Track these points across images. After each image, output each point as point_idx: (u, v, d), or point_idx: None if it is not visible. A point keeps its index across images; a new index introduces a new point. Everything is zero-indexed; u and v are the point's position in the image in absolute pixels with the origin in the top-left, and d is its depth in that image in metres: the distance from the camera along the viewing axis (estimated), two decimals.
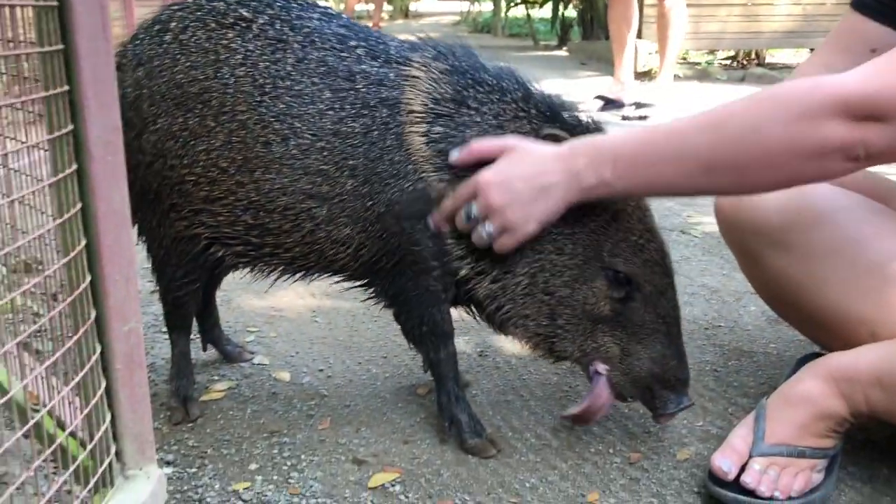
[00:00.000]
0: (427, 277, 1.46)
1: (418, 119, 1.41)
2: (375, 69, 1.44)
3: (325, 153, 1.41)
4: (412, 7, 21.01)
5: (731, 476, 1.35)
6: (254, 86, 1.41)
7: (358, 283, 1.55)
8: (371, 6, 10.98)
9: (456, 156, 1.39)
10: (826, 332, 1.53)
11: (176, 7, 1.50)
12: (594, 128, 1.44)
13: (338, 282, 1.57)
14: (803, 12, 7.27)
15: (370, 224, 1.43)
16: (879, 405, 1.33)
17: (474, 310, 1.55)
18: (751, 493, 1.34)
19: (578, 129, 1.42)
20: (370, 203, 1.42)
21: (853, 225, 1.46)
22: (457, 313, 1.57)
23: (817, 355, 1.51)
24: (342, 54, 1.44)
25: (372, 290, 1.54)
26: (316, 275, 1.55)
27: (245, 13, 1.45)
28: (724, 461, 1.36)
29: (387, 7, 15.76)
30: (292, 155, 1.41)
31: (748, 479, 1.34)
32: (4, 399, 0.92)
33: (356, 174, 1.41)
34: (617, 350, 1.43)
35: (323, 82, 1.42)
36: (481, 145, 1.38)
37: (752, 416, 1.42)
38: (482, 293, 1.45)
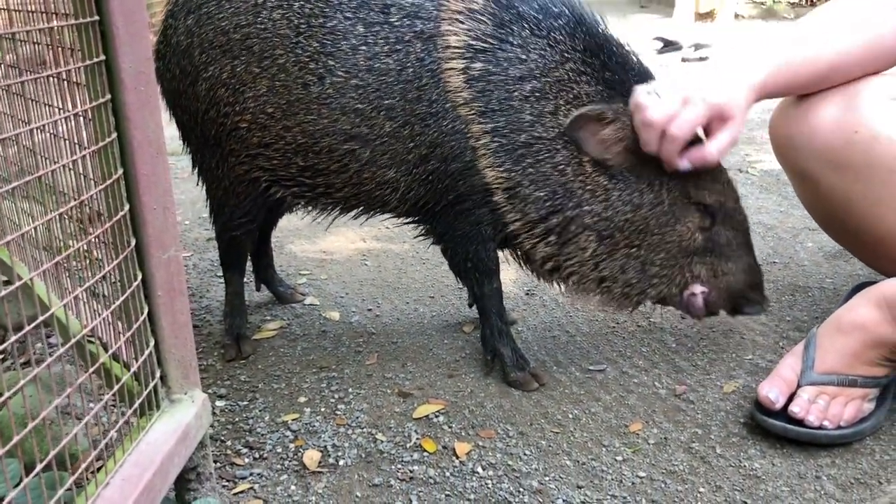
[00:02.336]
0: (473, 219, 1.45)
1: (456, 54, 1.39)
2: (410, 0, 1.42)
3: (359, 91, 1.40)
4: None
5: (779, 405, 1.33)
6: (289, 27, 1.40)
7: (408, 221, 1.56)
8: None
9: (687, 165, 1.36)
10: (884, 256, 1.48)
11: None
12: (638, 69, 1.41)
13: (388, 219, 1.59)
14: None
15: (414, 167, 1.43)
16: None
17: (521, 255, 1.54)
18: (799, 422, 1.32)
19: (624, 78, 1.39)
20: (412, 145, 1.41)
21: None
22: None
23: (871, 284, 1.46)
24: None
25: (422, 227, 1.55)
26: (369, 214, 1.56)
27: None
28: (772, 390, 1.34)
29: None
30: (328, 94, 1.40)
31: (796, 409, 1.32)
32: (43, 316, 0.96)
33: (394, 115, 1.40)
34: (710, 273, 1.46)
35: (356, 16, 1.40)
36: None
37: (801, 345, 1.39)
38: (538, 253, 1.44)
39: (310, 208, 1.59)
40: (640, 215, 1.40)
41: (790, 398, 1.34)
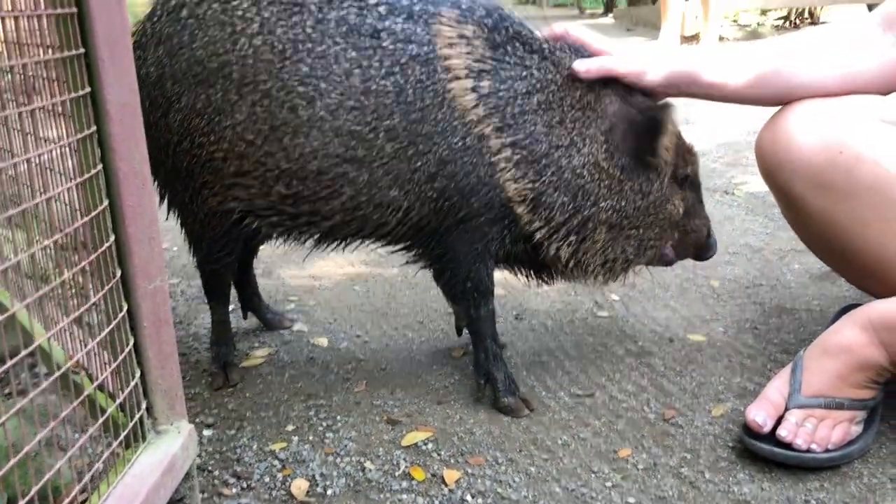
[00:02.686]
0: (481, 237, 1.46)
1: (461, 75, 1.40)
2: (400, 25, 1.42)
3: (355, 113, 1.39)
4: None
5: (767, 428, 1.33)
6: (273, 53, 1.39)
7: (398, 247, 1.55)
8: None
9: (582, 67, 1.46)
10: (870, 277, 1.49)
11: None
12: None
13: (378, 248, 1.57)
14: None
15: (419, 185, 1.42)
16: None
17: (519, 269, 1.61)
18: (787, 446, 1.32)
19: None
20: (418, 164, 1.41)
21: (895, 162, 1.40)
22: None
23: (857, 306, 1.46)
24: (363, 11, 1.42)
25: (416, 251, 1.54)
26: (356, 242, 1.55)
27: None
28: (760, 413, 1.34)
29: None
30: (320, 117, 1.39)
31: (784, 432, 1.32)
32: (28, 349, 0.95)
33: (396, 136, 1.39)
34: (682, 233, 1.60)
35: (346, 41, 1.40)
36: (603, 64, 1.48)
37: (788, 368, 1.40)
38: (563, 254, 1.49)
39: (285, 238, 1.55)
40: (647, 201, 1.50)
41: (778, 421, 1.35)
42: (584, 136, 1.45)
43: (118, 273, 0.99)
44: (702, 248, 1.64)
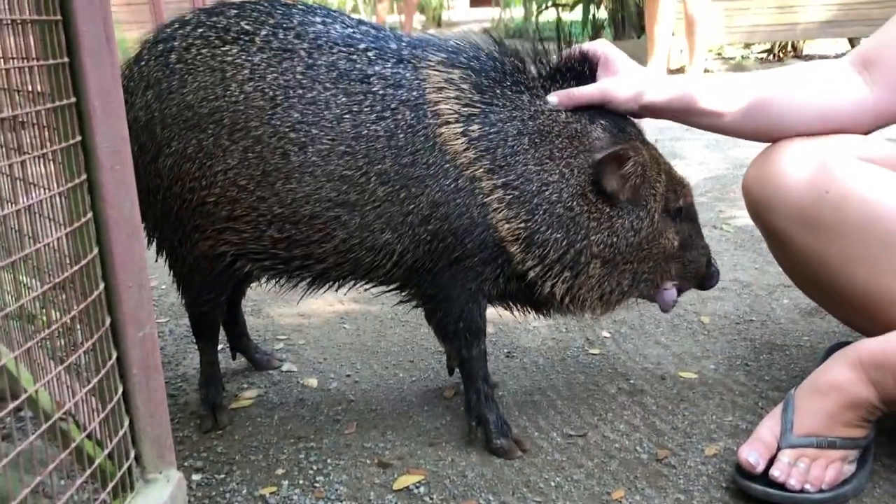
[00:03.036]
0: (474, 277, 1.46)
1: (451, 119, 1.41)
2: (390, 70, 1.43)
3: (346, 158, 1.40)
4: (444, 16, 21.04)
5: (760, 469, 1.33)
6: (264, 99, 1.39)
7: (390, 288, 1.54)
8: (402, 16, 11.02)
9: (555, 101, 1.47)
10: (859, 315, 1.50)
11: (176, 24, 1.49)
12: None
13: (368, 288, 1.57)
14: (838, 1, 7.11)
15: (413, 228, 1.42)
16: None
17: (514, 305, 1.60)
18: (780, 486, 1.31)
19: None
20: (411, 207, 1.41)
21: (883, 201, 1.41)
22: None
23: (847, 344, 1.47)
24: (353, 56, 1.43)
25: (407, 291, 1.54)
26: (348, 283, 1.54)
27: (247, 26, 1.44)
28: (752, 453, 1.34)
29: (419, 17, 15.83)
30: (312, 162, 1.40)
31: (777, 472, 1.32)
32: (20, 399, 0.94)
33: (387, 180, 1.40)
34: (681, 266, 1.59)
35: (336, 87, 1.41)
36: (581, 92, 1.48)
37: (779, 407, 1.40)
38: (558, 291, 1.48)
39: (277, 281, 1.55)
40: (639, 237, 1.50)
41: (771, 461, 1.34)
42: (571, 167, 1.45)
43: (108, 321, 0.99)
44: (703, 278, 1.64)
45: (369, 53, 1.44)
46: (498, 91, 1.46)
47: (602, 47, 1.54)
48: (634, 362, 1.86)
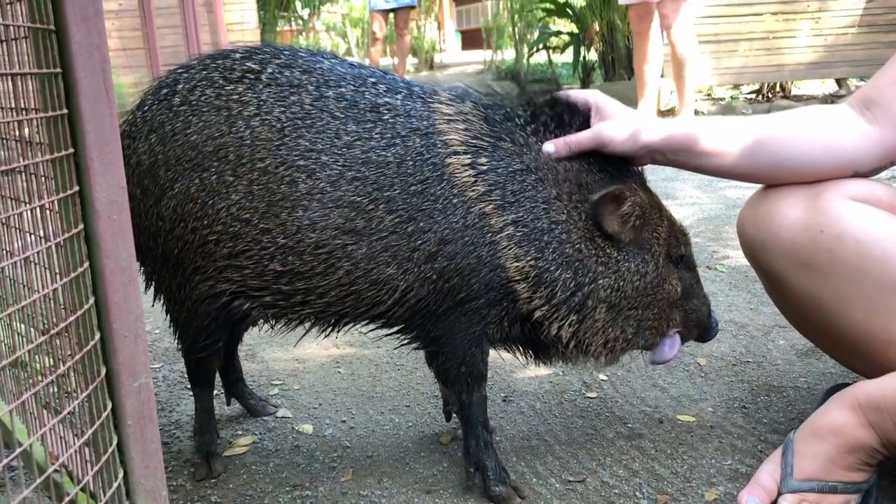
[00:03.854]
0: (479, 319, 1.45)
1: (459, 150, 1.42)
2: (399, 101, 1.44)
3: (356, 184, 1.39)
4: (437, 59, 21.28)
5: None
6: (272, 131, 1.40)
7: (392, 330, 1.52)
8: (395, 59, 11.13)
9: (552, 150, 1.46)
10: (855, 355, 1.50)
11: (180, 69, 1.50)
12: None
13: (369, 330, 1.54)
14: (825, 43, 7.23)
15: (419, 265, 1.41)
16: None
17: (516, 349, 1.58)
18: None
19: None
20: (418, 242, 1.40)
21: (878, 241, 1.42)
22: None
23: (845, 386, 1.46)
24: (361, 89, 1.44)
25: (410, 333, 1.51)
26: (349, 324, 1.52)
27: (253, 65, 1.45)
28: (752, 499, 1.33)
29: (411, 59, 16.02)
30: (320, 188, 1.39)
31: None
32: (17, 451, 0.93)
33: (395, 208, 1.39)
34: (683, 314, 1.58)
35: (346, 115, 1.41)
36: (578, 139, 1.48)
37: (779, 451, 1.39)
38: (564, 334, 1.47)
39: (276, 321, 1.53)
40: (644, 282, 1.49)
41: None
42: (578, 210, 1.45)
43: (103, 371, 0.98)
44: (704, 329, 1.62)
45: (379, 86, 1.45)
46: (506, 127, 1.47)
47: (593, 95, 1.55)
48: (632, 406, 1.85)
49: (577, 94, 1.55)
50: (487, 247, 1.41)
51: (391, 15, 9.35)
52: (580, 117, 1.52)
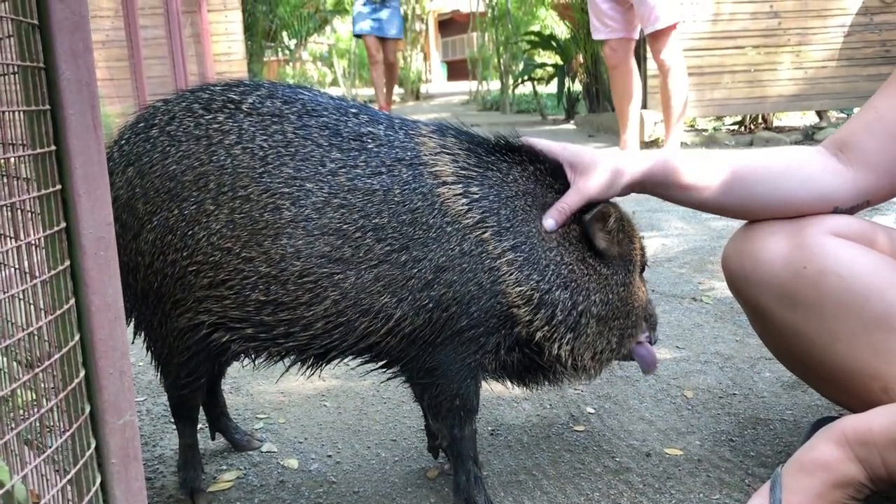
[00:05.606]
0: (477, 348, 1.44)
1: (449, 180, 1.43)
2: (382, 131, 1.45)
3: (342, 211, 1.38)
4: (423, 89, 21.45)
5: None
6: (254, 159, 1.39)
7: (380, 364, 1.50)
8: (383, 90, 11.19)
9: (552, 223, 1.47)
10: (840, 389, 1.50)
11: (159, 102, 1.50)
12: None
13: (358, 364, 1.52)
14: (806, 76, 7.35)
15: (415, 292, 1.40)
16: None
17: (503, 377, 1.59)
18: None
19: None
20: (414, 270, 1.39)
21: (860, 277, 1.43)
22: None
23: (831, 419, 1.47)
24: (343, 118, 1.45)
25: (402, 365, 1.48)
26: (335, 359, 1.48)
27: (233, 96, 1.45)
28: None
29: (398, 90, 16.12)
30: (306, 216, 1.37)
31: None
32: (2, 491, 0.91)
33: (384, 237, 1.38)
34: (649, 315, 1.64)
35: (330, 144, 1.41)
36: (569, 203, 1.49)
37: (767, 486, 1.38)
38: (563, 353, 1.49)
39: (258, 355, 1.49)
40: (628, 291, 1.54)
41: None
42: (566, 232, 1.49)
43: (87, 409, 0.97)
44: (654, 326, 1.68)
45: (361, 116, 1.46)
46: (491, 158, 1.49)
47: (561, 152, 1.56)
48: (620, 439, 1.85)
49: (543, 148, 1.56)
50: (487, 273, 1.41)
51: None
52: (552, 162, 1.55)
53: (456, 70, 26.53)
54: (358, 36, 9.79)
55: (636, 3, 5.31)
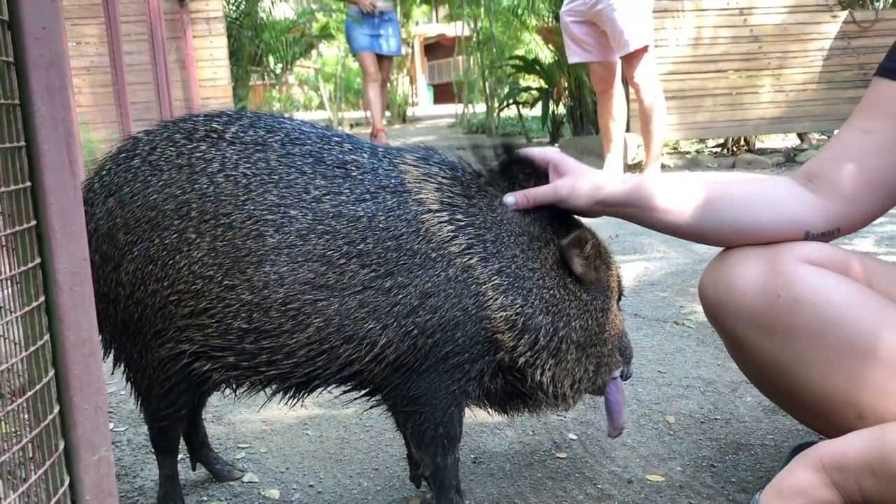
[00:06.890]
0: (461, 376, 1.44)
1: (434, 208, 1.43)
2: (366, 159, 1.46)
3: (326, 237, 1.38)
4: (409, 112, 21.54)
5: None
6: (237, 186, 1.39)
7: (363, 392, 1.50)
8: (367, 112, 11.19)
9: (512, 200, 1.50)
10: (816, 416, 1.51)
11: (140, 133, 1.50)
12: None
13: (342, 393, 1.51)
14: (787, 98, 7.44)
15: (400, 318, 1.39)
16: (873, 493, 1.30)
17: (485, 405, 1.59)
18: None
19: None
20: (399, 296, 1.39)
21: (833, 305, 1.44)
22: None
23: (811, 444, 1.48)
24: (327, 146, 1.46)
25: (386, 392, 1.48)
26: (318, 387, 1.48)
27: (216, 126, 1.46)
28: None
29: (385, 113, 16.16)
30: (289, 242, 1.37)
31: None
32: None
33: (369, 263, 1.38)
34: (625, 346, 1.66)
35: (315, 171, 1.42)
36: (538, 192, 1.52)
37: None
38: (545, 379, 1.49)
39: (239, 384, 1.49)
40: (606, 318, 1.55)
41: None
42: (547, 257, 1.50)
43: (61, 445, 0.96)
44: (629, 359, 1.68)
45: (344, 145, 1.47)
46: (472, 186, 1.50)
47: (551, 153, 1.60)
48: (601, 465, 1.85)
49: (534, 150, 1.59)
50: (473, 298, 1.42)
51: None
52: (539, 174, 1.57)
53: (442, 93, 26.67)
54: (354, 53, 9.70)
55: (607, 28, 5.37)
